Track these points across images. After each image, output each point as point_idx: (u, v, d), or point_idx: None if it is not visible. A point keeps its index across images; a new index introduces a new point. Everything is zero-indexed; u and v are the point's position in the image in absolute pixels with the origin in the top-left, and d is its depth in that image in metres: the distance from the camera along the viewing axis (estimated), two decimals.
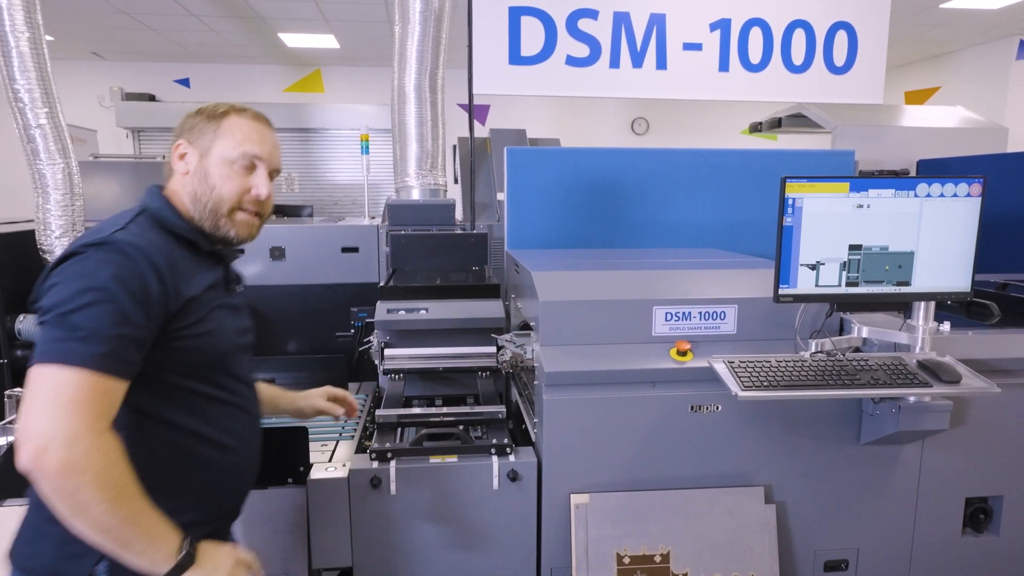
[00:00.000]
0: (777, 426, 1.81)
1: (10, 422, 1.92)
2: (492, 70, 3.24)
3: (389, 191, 4.17)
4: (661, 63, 3.12)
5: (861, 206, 1.68)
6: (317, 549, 1.74)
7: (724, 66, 3.19)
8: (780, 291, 1.70)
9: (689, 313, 1.82)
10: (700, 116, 8.09)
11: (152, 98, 6.86)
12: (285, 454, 1.73)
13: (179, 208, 1.28)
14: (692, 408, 1.78)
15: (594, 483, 1.78)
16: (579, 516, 1.76)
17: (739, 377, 1.63)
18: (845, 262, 1.70)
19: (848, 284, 1.71)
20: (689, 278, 1.90)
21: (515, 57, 3.19)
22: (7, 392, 2.02)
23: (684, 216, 2.79)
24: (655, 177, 2.76)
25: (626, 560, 1.73)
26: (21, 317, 3.37)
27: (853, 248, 1.69)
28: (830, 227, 1.68)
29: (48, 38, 6.11)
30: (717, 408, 1.79)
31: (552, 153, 2.81)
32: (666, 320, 1.81)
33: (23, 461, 0.97)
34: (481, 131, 5.61)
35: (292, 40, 6.49)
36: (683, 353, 1.78)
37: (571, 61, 3.14)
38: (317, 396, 1.73)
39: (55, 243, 3.36)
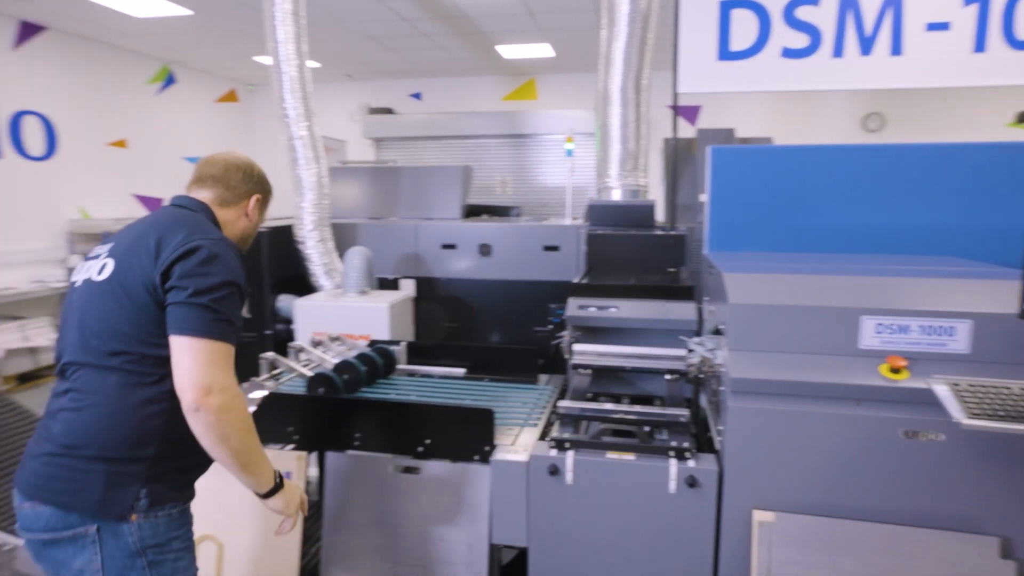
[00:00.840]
0: (1021, 468, 1.53)
1: (265, 379, 2.31)
2: (700, 67, 3.14)
3: (593, 193, 4.24)
4: (896, 48, 2.78)
5: None
6: (497, 526, 1.85)
7: (980, 46, 2.75)
8: None
9: (907, 327, 1.61)
10: (950, 108, 6.95)
11: (390, 111, 7.71)
12: (473, 433, 1.86)
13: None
14: (906, 434, 1.58)
15: (781, 501, 1.66)
16: (762, 534, 1.65)
17: (966, 402, 1.41)
18: None
19: None
20: (909, 286, 1.68)
21: (725, 52, 3.06)
22: (261, 355, 2.43)
23: (918, 220, 2.45)
24: (882, 176, 2.47)
25: None
26: (280, 296, 4.01)
27: None
28: None
29: (315, 64, 7.16)
30: (939, 437, 1.56)
31: (759, 151, 2.65)
32: (877, 332, 1.63)
33: (191, 401, 1.25)
34: (690, 133, 5.45)
35: (508, 52, 6.87)
36: (896, 371, 1.58)
37: (788, 53, 2.94)
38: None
39: (308, 235, 3.96)
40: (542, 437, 1.91)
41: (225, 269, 1.35)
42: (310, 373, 2.17)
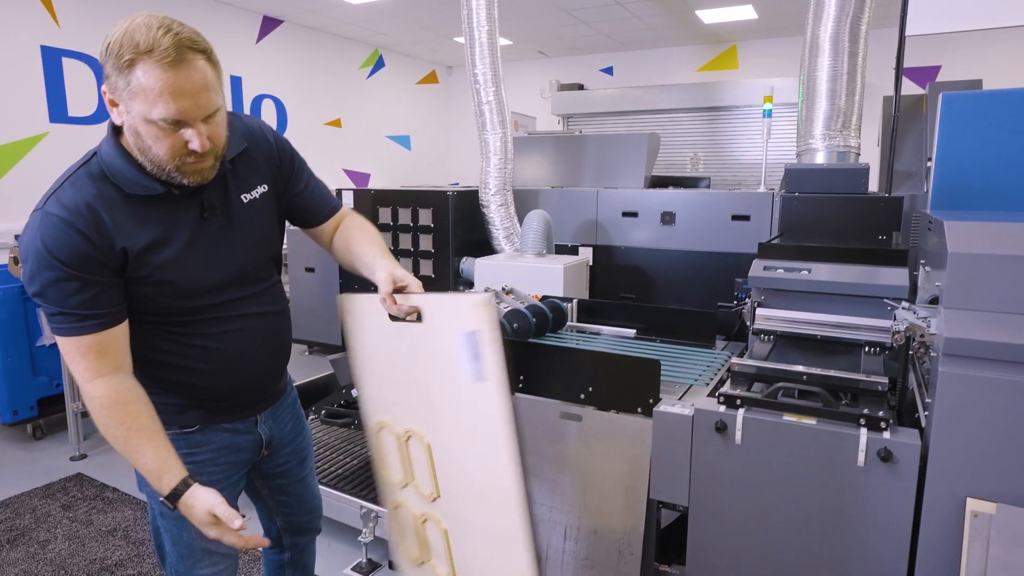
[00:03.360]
0: None
1: None
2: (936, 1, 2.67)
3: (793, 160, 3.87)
4: None
5: None
6: (657, 482, 1.76)
7: None
8: None
9: None
10: None
11: (581, 87, 7.71)
12: (636, 385, 1.79)
13: (133, 154, 1.20)
14: None
15: (1006, 492, 1.38)
16: (977, 527, 1.38)
17: None
18: None
19: None
20: None
21: None
22: None
23: None
24: None
25: None
26: (464, 259, 4.21)
27: None
28: None
29: (507, 42, 7.35)
30: None
31: (1003, 96, 2.21)
32: None
33: None
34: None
35: (709, 16, 6.50)
36: None
37: None
38: (383, 277, 1.36)
39: (491, 199, 4.10)
40: (711, 394, 1.78)
41: (30, 248, 1.16)
42: None
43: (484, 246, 4.29)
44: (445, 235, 4.17)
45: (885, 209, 2.60)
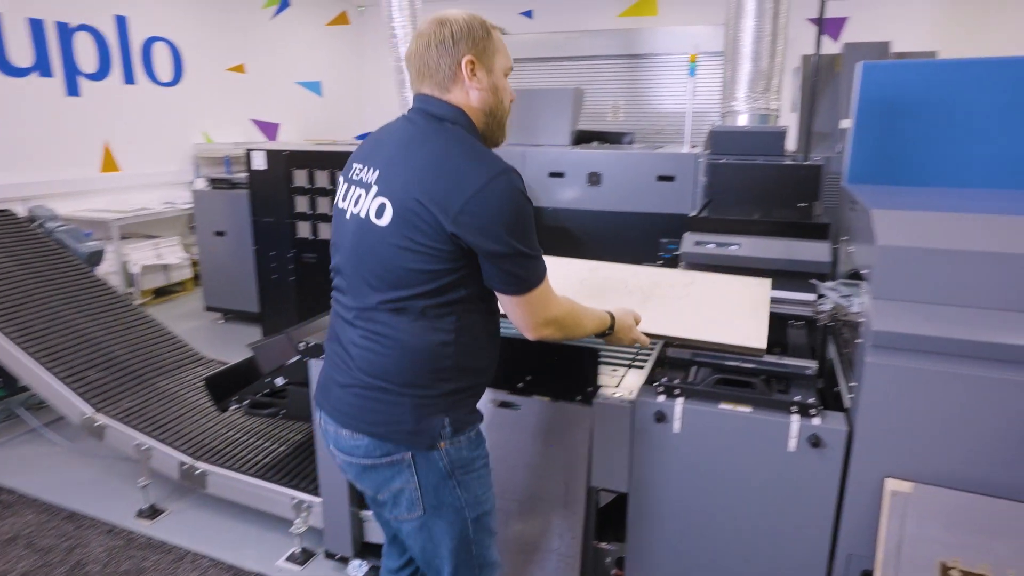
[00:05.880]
0: None
1: None
2: None
3: (716, 119, 3.90)
4: None
5: None
6: (597, 469, 1.78)
7: None
8: None
9: None
10: None
11: (501, 32, 7.45)
12: (575, 372, 1.77)
13: (474, 123, 1.36)
14: None
15: (920, 472, 1.47)
16: (895, 505, 1.47)
17: None
18: None
19: None
20: None
21: None
22: None
23: None
24: None
25: (954, 574, 1.41)
26: None
27: None
28: None
29: None
30: None
31: (920, 66, 2.25)
32: None
33: (532, 337, 1.40)
34: (833, 49, 4.85)
35: None
36: None
37: None
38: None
39: None
40: (649, 381, 1.79)
41: (522, 215, 1.29)
42: None
43: None
44: None
45: (805, 177, 2.66)
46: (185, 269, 5.78)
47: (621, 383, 1.82)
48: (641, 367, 1.94)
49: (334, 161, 4.19)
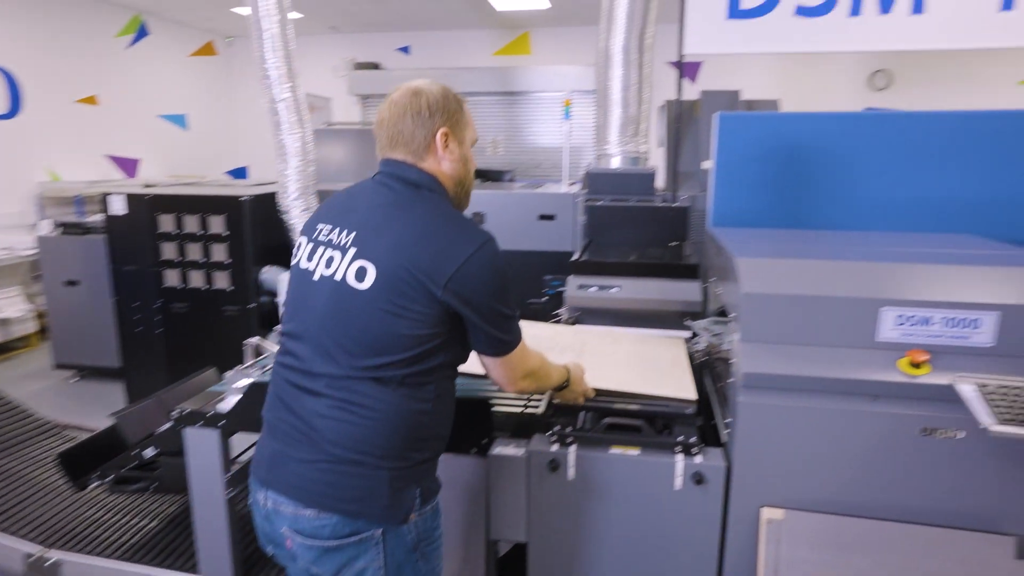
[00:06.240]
0: None
1: (248, 367, 2.20)
2: (708, 26, 2.97)
3: (591, 155, 4.08)
4: (918, 6, 2.62)
5: None
6: (495, 520, 1.78)
7: (1008, 3, 2.58)
8: None
9: (929, 318, 1.52)
10: (961, 66, 6.76)
11: (376, 66, 7.42)
12: (470, 425, 1.77)
13: (447, 190, 1.41)
14: (924, 431, 1.50)
15: (791, 499, 1.59)
16: (771, 532, 1.59)
17: (995, 406, 1.33)
18: None
19: None
20: (932, 274, 1.58)
21: (734, 10, 2.89)
22: (244, 342, 2.31)
23: (935, 193, 2.33)
24: (898, 145, 2.34)
25: None
26: (265, 268, 3.87)
27: None
28: None
29: (297, 15, 6.82)
30: (958, 435, 1.49)
31: (769, 119, 2.51)
32: (897, 324, 1.53)
33: (509, 391, 1.51)
34: (692, 91, 5.25)
35: (501, 4, 6.58)
36: (917, 365, 1.49)
37: (802, 11, 2.77)
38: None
39: (292, 204, 3.80)
40: (542, 428, 1.82)
41: (502, 281, 1.36)
42: None
43: (286, 251, 3.98)
44: (241, 244, 3.79)
45: (675, 218, 2.85)
46: (28, 323, 5.21)
47: (517, 430, 1.84)
48: (536, 409, 1.97)
49: (203, 205, 3.96)
